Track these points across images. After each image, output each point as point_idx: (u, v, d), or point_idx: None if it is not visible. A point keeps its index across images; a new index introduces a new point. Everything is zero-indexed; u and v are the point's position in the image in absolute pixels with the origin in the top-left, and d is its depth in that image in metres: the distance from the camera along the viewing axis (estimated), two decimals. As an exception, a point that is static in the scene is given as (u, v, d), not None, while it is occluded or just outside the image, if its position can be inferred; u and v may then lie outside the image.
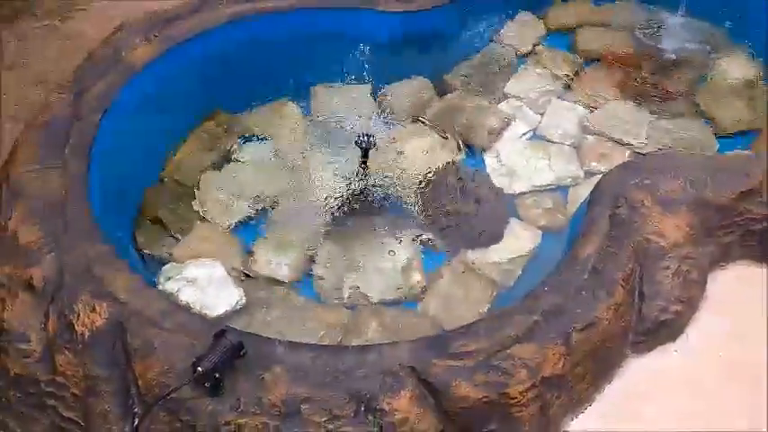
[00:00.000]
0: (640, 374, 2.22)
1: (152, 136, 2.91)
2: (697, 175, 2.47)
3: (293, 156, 3.01)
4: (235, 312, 2.45)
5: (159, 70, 2.86)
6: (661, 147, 3.10)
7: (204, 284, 2.48)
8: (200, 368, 1.71)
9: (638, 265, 2.25)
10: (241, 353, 1.76)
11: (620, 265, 2.18)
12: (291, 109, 3.22)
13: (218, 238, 2.74)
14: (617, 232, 2.28)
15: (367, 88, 3.21)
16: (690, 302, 2.32)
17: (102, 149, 2.52)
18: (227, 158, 3.05)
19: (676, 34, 3.60)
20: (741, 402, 2.16)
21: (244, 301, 2.47)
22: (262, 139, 3.14)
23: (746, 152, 3.00)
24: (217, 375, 1.73)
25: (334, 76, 3.24)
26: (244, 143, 3.12)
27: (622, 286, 2.15)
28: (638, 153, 3.07)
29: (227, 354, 1.74)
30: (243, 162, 3.04)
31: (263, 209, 2.86)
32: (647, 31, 3.66)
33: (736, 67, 3.47)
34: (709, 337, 2.33)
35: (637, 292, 2.25)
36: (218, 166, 3.01)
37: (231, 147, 3.07)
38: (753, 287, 2.49)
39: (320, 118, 3.17)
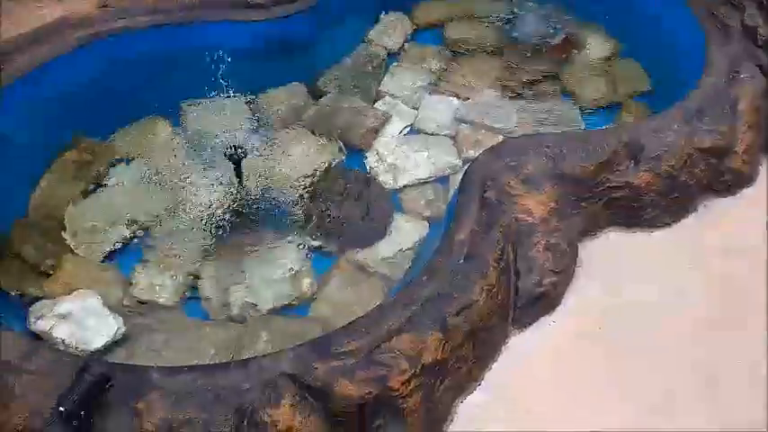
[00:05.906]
0: (523, 348, 2.31)
1: (11, 170, 2.74)
2: (557, 151, 2.58)
3: (166, 175, 2.91)
4: (116, 343, 2.35)
5: (9, 103, 2.72)
6: (531, 129, 3.22)
7: (79, 318, 2.35)
8: (62, 408, 1.62)
9: (509, 244, 2.32)
10: (107, 385, 1.69)
11: (491, 247, 2.25)
12: (161, 127, 3.12)
13: (93, 269, 2.63)
14: (487, 215, 2.35)
15: (240, 100, 3.15)
16: (563, 273, 2.43)
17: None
18: (96, 185, 2.92)
19: (535, 21, 3.75)
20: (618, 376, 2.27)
21: (123, 329, 2.37)
22: (130, 162, 3.02)
23: (607, 126, 3.19)
24: (83, 412, 1.65)
25: (206, 91, 3.15)
26: (112, 167, 2.99)
27: (494, 267, 2.21)
28: (510, 137, 3.17)
29: (91, 388, 1.66)
30: (113, 187, 2.92)
31: (140, 232, 2.76)
32: (510, 21, 3.80)
33: (594, 47, 3.65)
34: (587, 303, 2.45)
35: (512, 271, 2.33)
36: (86, 194, 2.87)
37: (99, 172, 2.93)
38: (622, 253, 2.65)
39: (191, 134, 3.09)
